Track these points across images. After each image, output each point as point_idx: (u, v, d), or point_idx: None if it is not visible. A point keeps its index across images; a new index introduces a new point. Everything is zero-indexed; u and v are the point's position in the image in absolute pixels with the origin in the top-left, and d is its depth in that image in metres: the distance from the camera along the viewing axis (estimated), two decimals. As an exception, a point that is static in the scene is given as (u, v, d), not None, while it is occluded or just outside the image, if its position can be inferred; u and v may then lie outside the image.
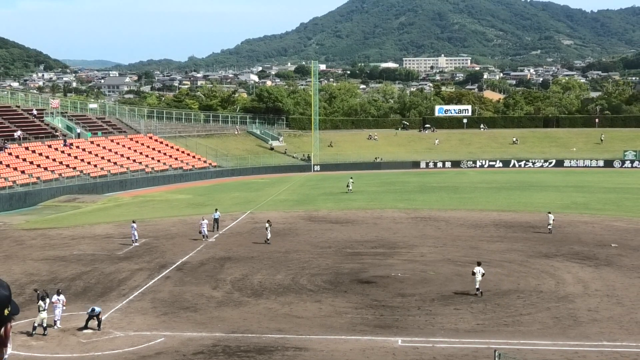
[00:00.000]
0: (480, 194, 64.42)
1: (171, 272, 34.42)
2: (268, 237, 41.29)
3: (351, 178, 69.74)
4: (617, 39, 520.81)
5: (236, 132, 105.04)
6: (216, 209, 47.20)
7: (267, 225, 41.82)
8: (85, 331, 25.25)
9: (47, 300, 25.26)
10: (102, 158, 78.68)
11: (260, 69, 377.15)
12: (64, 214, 57.07)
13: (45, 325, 24.98)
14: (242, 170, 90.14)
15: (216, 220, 45.59)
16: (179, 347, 23.48)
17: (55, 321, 25.73)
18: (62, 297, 26.21)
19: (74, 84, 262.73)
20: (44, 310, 24.85)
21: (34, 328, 24.85)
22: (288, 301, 28.71)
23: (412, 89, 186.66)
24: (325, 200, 61.57)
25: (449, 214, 51.57)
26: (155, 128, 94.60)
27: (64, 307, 26.25)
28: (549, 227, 43.70)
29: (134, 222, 42.44)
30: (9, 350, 2.05)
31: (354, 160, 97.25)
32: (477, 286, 29.46)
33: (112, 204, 63.56)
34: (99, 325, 25.39)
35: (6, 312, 1.97)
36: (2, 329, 2.00)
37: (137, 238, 41.51)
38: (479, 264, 30.23)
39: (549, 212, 44.54)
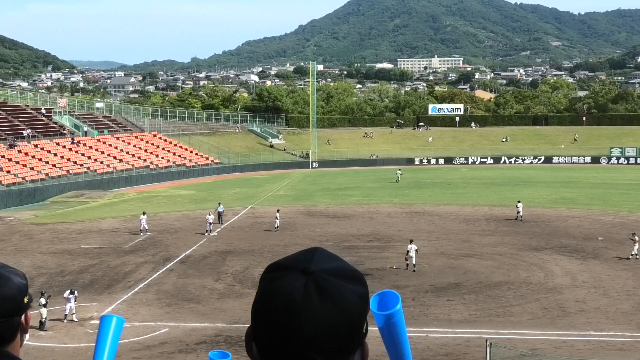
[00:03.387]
0: (472, 189, 65.04)
1: (175, 265, 34.95)
2: (277, 226, 42.64)
3: (399, 170, 73.98)
4: (604, 40, 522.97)
5: (237, 130, 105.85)
6: (219, 203, 48.18)
7: (277, 215, 43.39)
8: (92, 322, 25.66)
9: (44, 298, 25.24)
10: (108, 155, 79.57)
11: (260, 69, 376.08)
12: (72, 209, 57.64)
13: (43, 320, 25.17)
14: (243, 167, 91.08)
15: (219, 214, 46.57)
16: (182, 337, 23.99)
17: (69, 314, 26.06)
18: (75, 294, 26.36)
19: (81, 84, 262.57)
20: (44, 306, 25.03)
21: (41, 323, 25.07)
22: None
23: (406, 89, 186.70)
24: (323, 195, 61.96)
25: (442, 209, 52.12)
26: (159, 126, 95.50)
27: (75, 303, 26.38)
28: (519, 214, 45.88)
29: (144, 213, 43.97)
30: (27, 337, 2.15)
31: (351, 157, 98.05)
32: (414, 262, 31.92)
33: (117, 200, 64.22)
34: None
35: (25, 300, 2.05)
36: (23, 317, 2.06)
37: (145, 228, 42.85)
38: (411, 242, 32.25)
39: (519, 201, 46.70)
